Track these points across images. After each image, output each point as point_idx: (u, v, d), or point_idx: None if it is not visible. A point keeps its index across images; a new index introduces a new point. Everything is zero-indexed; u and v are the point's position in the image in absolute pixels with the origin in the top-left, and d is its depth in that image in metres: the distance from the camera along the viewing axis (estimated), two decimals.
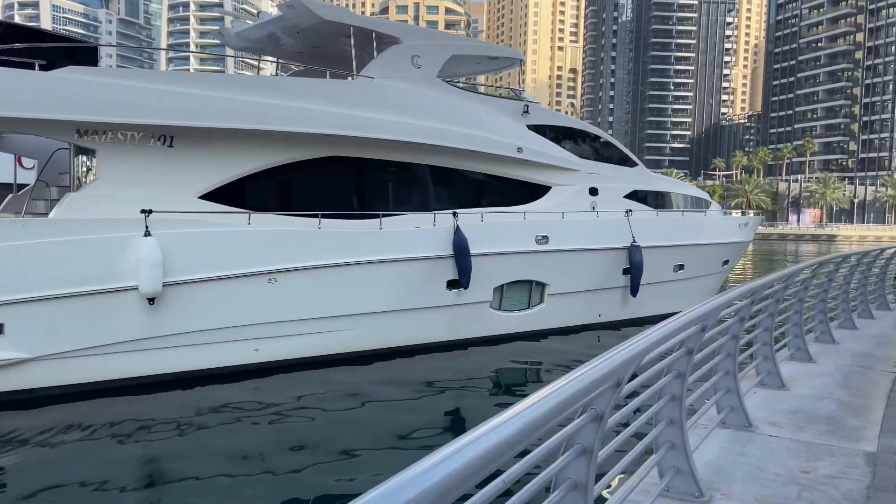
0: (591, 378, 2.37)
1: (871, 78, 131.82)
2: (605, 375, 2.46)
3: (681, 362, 3.90)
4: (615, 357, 2.56)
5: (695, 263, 20.74)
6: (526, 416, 1.96)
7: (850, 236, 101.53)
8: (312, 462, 8.62)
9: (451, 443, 1.62)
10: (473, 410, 11.48)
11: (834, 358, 7.73)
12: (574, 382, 2.28)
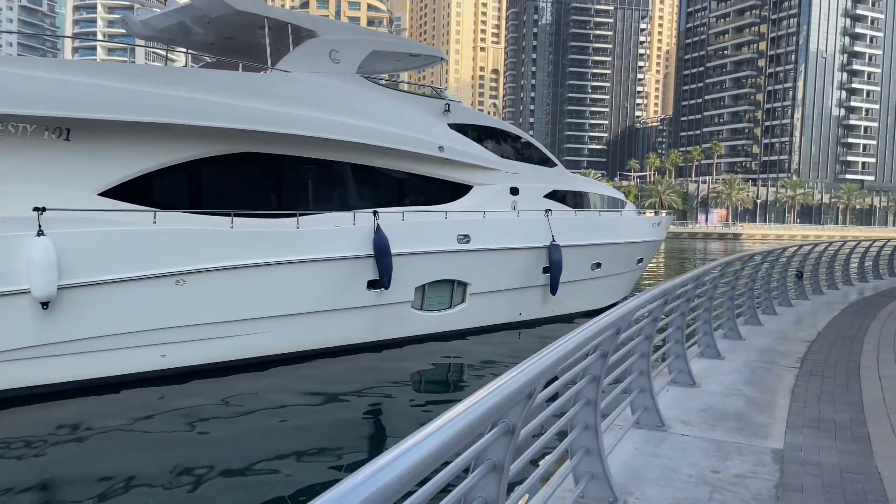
0: (503, 393, 2.23)
1: (772, 85, 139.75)
2: (517, 389, 2.32)
3: (595, 366, 3.83)
4: (529, 369, 2.42)
5: (611, 262, 21.23)
6: (434, 440, 1.82)
7: (753, 235, 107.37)
8: (214, 477, 8.19)
9: (351, 476, 1.50)
10: (395, 413, 11.28)
11: (741, 354, 7.97)
12: (486, 399, 2.14)
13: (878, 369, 7.24)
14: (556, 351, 2.67)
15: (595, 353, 3.83)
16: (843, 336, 9.28)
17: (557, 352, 2.73)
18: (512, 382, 2.31)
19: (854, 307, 12.47)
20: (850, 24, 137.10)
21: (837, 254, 16.35)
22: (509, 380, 2.31)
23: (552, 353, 2.62)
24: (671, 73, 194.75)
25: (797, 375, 6.92)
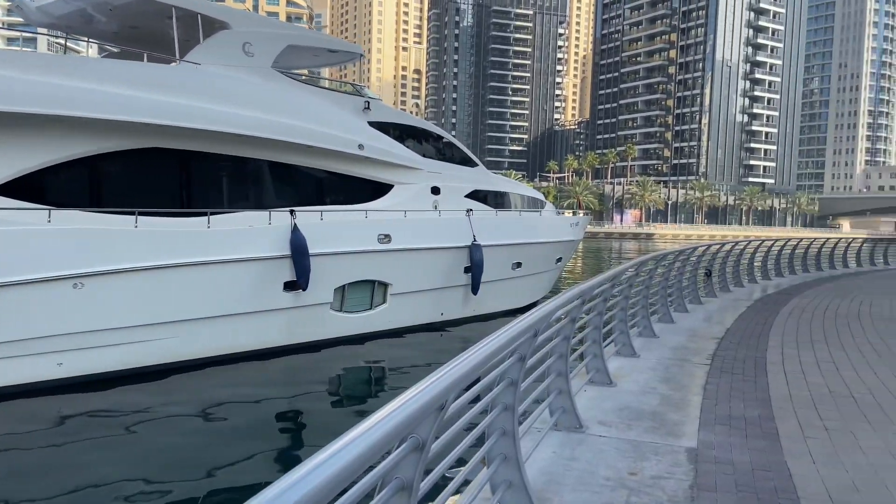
0: (411, 408, 2.04)
1: (681, 91, 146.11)
2: (427, 403, 2.14)
3: (513, 370, 3.70)
4: (439, 381, 2.24)
5: (532, 261, 21.47)
6: (333, 465, 1.64)
7: (665, 235, 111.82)
8: (109, 494, 7.64)
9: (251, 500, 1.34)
10: (312, 421, 10.91)
11: (655, 352, 8.10)
12: (392, 416, 1.95)
13: (783, 364, 7.50)
14: (469, 360, 2.50)
15: (513, 357, 3.70)
16: (750, 333, 9.62)
17: (471, 360, 2.57)
18: (421, 396, 2.12)
19: (759, 304, 13.01)
20: (752, 35, 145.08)
21: (743, 253, 17.08)
22: (418, 393, 2.13)
23: (465, 362, 2.45)
24: (588, 78, 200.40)
25: (708, 372, 7.07)
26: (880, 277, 20.30)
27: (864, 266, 24.97)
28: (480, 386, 3.39)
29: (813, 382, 6.66)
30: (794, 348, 8.49)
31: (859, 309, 12.55)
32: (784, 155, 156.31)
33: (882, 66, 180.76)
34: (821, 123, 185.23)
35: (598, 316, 6.50)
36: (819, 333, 9.68)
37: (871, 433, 5.04)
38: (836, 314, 11.74)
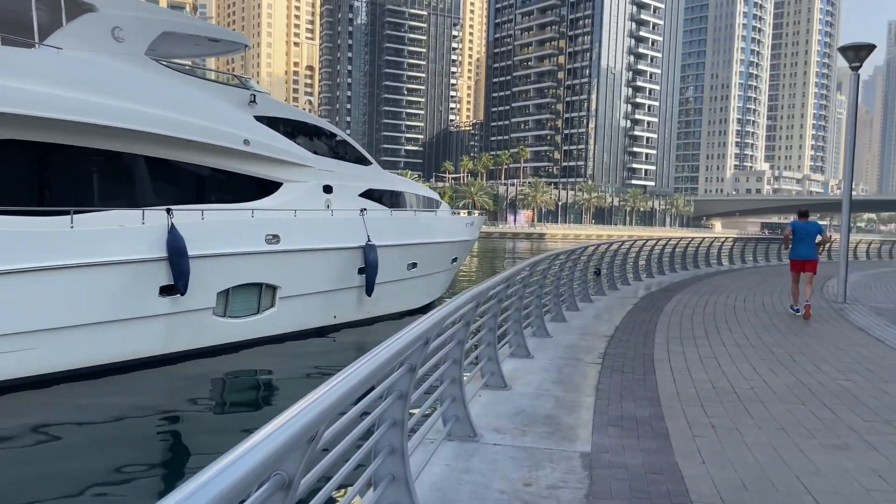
0: (274, 444, 1.70)
1: (570, 96, 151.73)
2: (294, 436, 1.79)
3: (402, 382, 3.40)
4: (307, 410, 1.89)
5: (427, 261, 21.31)
6: None
7: (555, 234, 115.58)
8: None
9: None
10: (190, 439, 10.15)
11: (549, 352, 8.07)
12: (252, 453, 1.60)
13: (670, 361, 7.65)
14: (343, 382, 2.16)
15: (402, 368, 3.40)
16: (638, 330, 9.84)
17: (346, 383, 2.23)
18: (286, 429, 1.78)
19: (644, 301, 13.44)
20: (633, 45, 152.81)
21: (629, 252, 17.68)
22: (283, 425, 1.78)
23: (339, 385, 2.11)
24: (482, 80, 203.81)
25: (600, 371, 7.08)
26: (749, 274, 21.68)
27: (736, 264, 26.66)
28: (367, 401, 3.07)
29: (698, 379, 6.81)
30: (678, 345, 8.72)
31: (734, 304, 13.23)
32: (663, 159, 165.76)
33: (749, 78, 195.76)
34: (695, 130, 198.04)
35: (493, 318, 6.34)
36: (700, 329, 10.05)
37: (755, 429, 5.13)
38: (715, 310, 12.29)
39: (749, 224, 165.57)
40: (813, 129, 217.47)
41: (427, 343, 3.48)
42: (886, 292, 16.54)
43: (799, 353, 8.36)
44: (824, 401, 6.02)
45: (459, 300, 4.34)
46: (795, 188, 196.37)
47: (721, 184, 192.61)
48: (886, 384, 6.74)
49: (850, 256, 30.01)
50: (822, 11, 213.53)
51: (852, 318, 11.60)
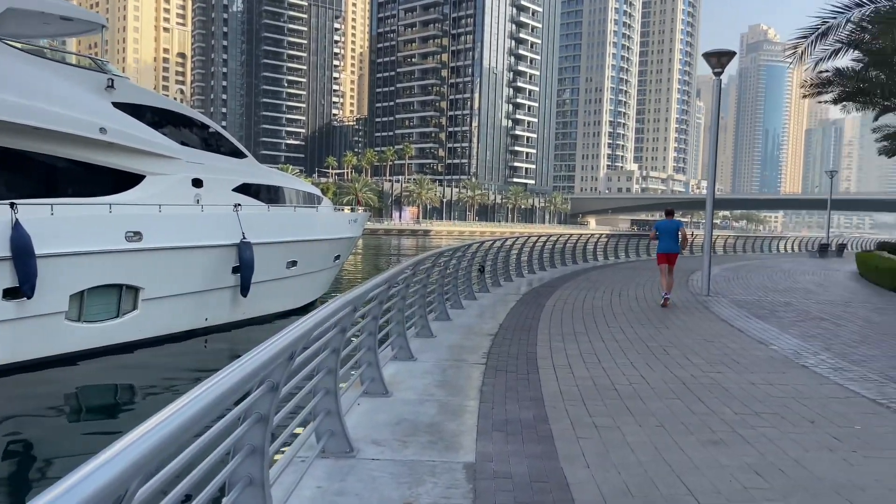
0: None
1: (454, 94, 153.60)
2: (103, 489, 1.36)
3: (262, 403, 2.97)
4: (118, 460, 1.46)
5: (308, 259, 20.57)
6: None
7: (440, 231, 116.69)
8: None
9: None
10: (35, 463, 9.04)
11: (433, 353, 7.82)
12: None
13: (552, 359, 7.62)
14: (165, 423, 1.73)
15: (262, 388, 2.98)
16: (521, 327, 9.82)
17: (184, 414, 1.81)
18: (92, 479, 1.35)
19: (526, 297, 13.56)
20: (514, 46, 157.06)
21: (511, 249, 17.86)
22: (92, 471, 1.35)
23: (153, 431, 1.67)
24: (366, 75, 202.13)
25: (484, 372, 6.90)
26: (623, 269, 22.64)
27: (610, 259, 27.82)
28: (222, 425, 2.63)
29: (580, 376, 6.79)
30: (560, 341, 8.75)
31: (611, 299, 13.63)
32: (542, 158, 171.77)
33: (620, 82, 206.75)
34: (572, 131, 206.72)
35: (374, 321, 5.98)
36: (580, 325, 10.19)
37: (636, 427, 5.11)
38: (593, 305, 12.58)
39: (620, 221, 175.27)
40: (676, 132, 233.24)
41: (292, 357, 3.07)
42: (744, 285, 17.72)
43: (671, 346, 8.62)
44: (698, 394, 6.15)
45: (332, 306, 3.95)
46: (661, 187, 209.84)
47: (595, 183, 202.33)
48: (752, 375, 7.03)
49: (701, 251, 32.05)
50: (684, 22, 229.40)
51: (716, 311, 12.25)
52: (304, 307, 19.52)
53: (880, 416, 5.57)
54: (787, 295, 15.60)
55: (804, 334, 9.86)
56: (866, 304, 14.47)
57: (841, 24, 15.39)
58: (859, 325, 11.19)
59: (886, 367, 7.66)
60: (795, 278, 20.81)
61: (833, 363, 7.77)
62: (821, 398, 6.11)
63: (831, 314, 12.34)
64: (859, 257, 24.20)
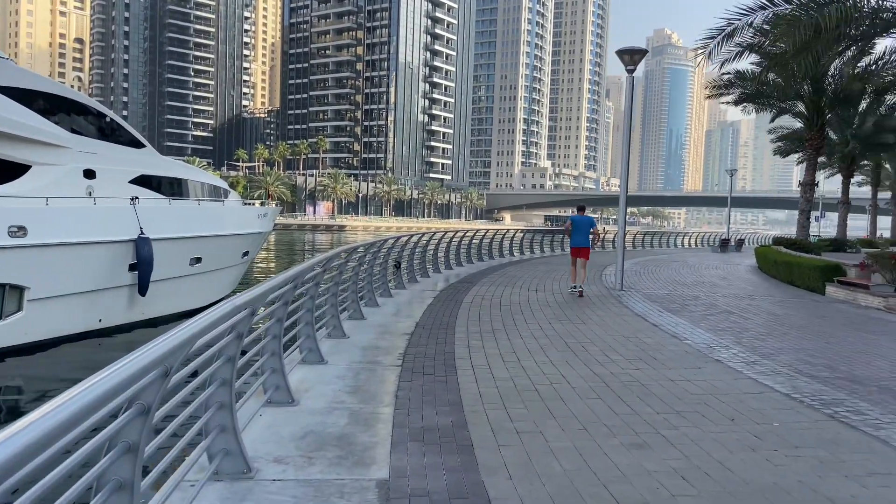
0: None
1: (369, 88, 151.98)
2: None
3: (131, 430, 2.48)
4: None
5: (213, 256, 19.55)
6: None
7: (356, 226, 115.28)
8: None
9: None
10: None
11: (345, 355, 7.38)
12: None
13: (471, 358, 7.34)
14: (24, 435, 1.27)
15: (131, 411, 2.48)
16: (438, 325, 9.50)
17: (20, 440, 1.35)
18: None
19: (443, 294, 13.28)
20: (430, 41, 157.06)
21: (428, 244, 17.55)
22: None
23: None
24: (277, 66, 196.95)
25: (400, 375, 6.53)
26: (538, 264, 22.79)
27: (526, 254, 28.03)
28: (80, 455, 2.14)
29: (499, 377, 6.53)
30: (478, 339, 8.49)
31: (528, 295, 13.55)
32: (458, 154, 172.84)
33: (533, 81, 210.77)
34: (487, 127, 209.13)
35: (278, 323, 5.48)
36: (498, 322, 9.98)
37: (558, 431, 4.87)
38: (510, 301, 12.44)
39: (534, 217, 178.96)
40: (587, 131, 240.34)
41: (167, 375, 2.58)
42: (654, 279, 18.14)
43: (590, 342, 8.52)
44: (619, 393, 6.01)
45: (223, 309, 3.46)
46: (573, 184, 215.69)
47: (510, 179, 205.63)
48: (669, 371, 6.99)
49: (611, 247, 32.93)
50: (594, 24, 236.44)
51: (630, 305, 12.37)
52: (211, 306, 18.50)
53: (795, 412, 5.58)
54: (695, 289, 16.05)
55: (715, 328, 10.04)
56: (768, 297, 15.07)
57: (745, 27, 15.95)
58: (764, 318, 11.56)
59: (794, 360, 7.83)
60: (701, 272, 21.57)
61: (745, 357, 7.87)
62: (737, 394, 6.10)
63: (738, 307, 12.72)
64: (758, 252, 25.41)
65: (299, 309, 6.75)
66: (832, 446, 4.69)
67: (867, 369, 7.48)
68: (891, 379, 6.99)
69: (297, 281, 5.82)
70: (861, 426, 5.19)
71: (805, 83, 26.31)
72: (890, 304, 13.01)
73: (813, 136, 27.57)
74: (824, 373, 7.17)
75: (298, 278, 5.82)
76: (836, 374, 7.14)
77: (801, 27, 12.87)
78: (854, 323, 11.37)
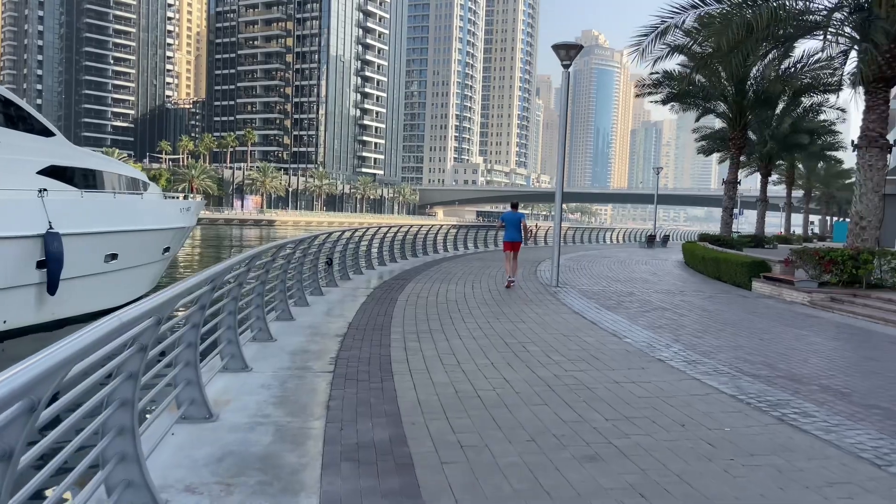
0: None
1: (299, 80, 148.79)
2: None
3: None
4: None
5: (130, 252, 18.39)
6: None
7: (286, 221, 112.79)
8: None
9: None
10: None
11: (272, 360, 6.82)
12: None
13: (409, 362, 6.92)
14: None
15: None
16: (373, 325, 9.04)
17: None
18: None
19: (378, 292, 12.79)
20: (362, 35, 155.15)
21: (361, 240, 17.00)
22: None
23: None
24: (203, 56, 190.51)
25: (331, 382, 6.04)
26: (472, 260, 22.58)
27: (460, 250, 27.80)
28: None
29: (439, 382, 6.13)
30: (415, 341, 8.08)
31: (464, 291, 13.23)
32: (391, 149, 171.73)
33: (466, 77, 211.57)
34: (420, 122, 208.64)
35: (194, 329, 4.90)
36: (436, 321, 9.60)
37: (506, 445, 4.51)
38: (447, 299, 12.08)
39: (467, 212, 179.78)
40: (518, 128, 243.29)
41: (34, 410, 2.05)
42: (588, 276, 18.18)
43: (530, 342, 8.25)
44: (565, 398, 5.71)
45: (121, 319, 2.90)
46: (505, 181, 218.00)
47: (443, 174, 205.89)
48: (613, 372, 6.77)
49: (543, 242, 33.17)
50: (524, 23, 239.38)
51: (568, 302, 12.22)
52: (127, 305, 17.37)
53: (744, 415, 5.42)
54: (629, 285, 16.13)
55: (652, 325, 9.97)
56: (698, 292, 15.27)
57: (675, 27, 16.12)
58: (698, 314, 11.61)
59: (733, 358, 7.77)
60: (632, 268, 21.83)
61: (685, 356, 7.75)
62: (684, 396, 5.92)
63: (671, 304, 12.77)
64: (685, 248, 26.00)
65: (221, 311, 6.16)
66: (787, 453, 4.52)
67: (805, 367, 7.48)
68: (829, 377, 6.99)
69: (217, 282, 5.25)
70: (811, 429, 5.06)
71: (729, 84, 27.12)
72: (814, 300, 13.36)
73: (736, 136, 28.47)
74: (764, 371, 7.12)
75: (217, 279, 5.25)
76: (776, 372, 7.10)
77: (734, 26, 13.03)
78: (783, 318, 11.57)
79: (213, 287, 5.16)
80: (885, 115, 13.89)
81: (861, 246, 14.06)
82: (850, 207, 14.48)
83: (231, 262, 5.98)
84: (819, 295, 13.43)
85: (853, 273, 13.68)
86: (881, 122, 13.82)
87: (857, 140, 14.32)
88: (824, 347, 8.97)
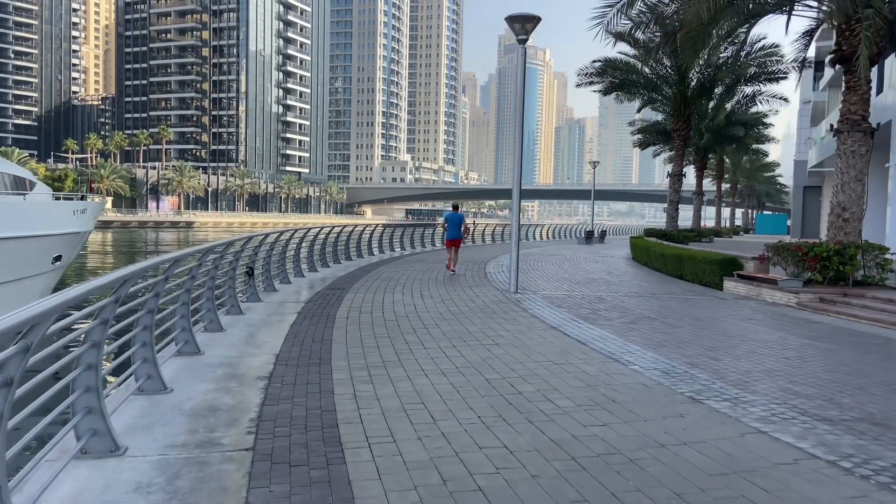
0: None
1: (217, 76, 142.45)
2: None
3: None
4: None
5: (12, 261, 15.47)
6: None
7: (206, 222, 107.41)
8: None
9: None
10: None
11: (159, 431, 4.61)
12: None
13: (363, 423, 4.84)
14: None
15: None
16: (307, 359, 6.88)
17: None
18: None
19: (310, 306, 10.62)
20: (283, 28, 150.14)
21: (288, 244, 14.70)
22: None
23: None
24: (112, 50, 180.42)
25: (250, 474, 3.93)
26: (413, 262, 20.57)
27: (396, 251, 25.71)
28: None
29: (414, 462, 4.11)
30: (367, 382, 6.02)
31: (414, 303, 11.23)
32: (316, 147, 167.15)
33: (391, 74, 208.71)
34: (346, 120, 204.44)
35: (94, 349, 2.82)
36: (388, 348, 7.55)
37: None
38: (396, 314, 10.04)
39: (396, 211, 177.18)
40: (445, 125, 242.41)
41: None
42: (544, 278, 16.51)
43: (518, 377, 6.33)
44: (607, 484, 3.80)
45: None
46: (433, 178, 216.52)
47: (370, 172, 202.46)
48: (647, 425, 4.92)
49: (481, 240, 31.34)
50: (449, 20, 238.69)
51: (538, 314, 10.42)
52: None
53: (875, 503, 3.66)
54: (592, 287, 14.53)
55: (650, 342, 8.26)
56: (670, 295, 13.80)
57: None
58: (690, 324, 10.02)
59: (775, 389, 6.12)
60: (584, 267, 20.37)
61: (720, 390, 6.02)
62: (768, 468, 4.12)
63: (652, 311, 11.18)
64: (635, 243, 24.84)
65: (137, 324, 3.98)
66: None
67: (875, 401, 5.86)
68: None
69: (120, 292, 3.07)
70: None
71: (674, 73, 26.16)
72: (802, 301, 12.06)
73: (680, 127, 27.58)
74: (832, 411, 5.46)
75: (121, 288, 3.07)
76: (844, 411, 5.45)
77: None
78: (786, 326, 10.12)
79: (116, 299, 2.97)
80: (867, 97, 12.77)
81: (844, 240, 12.89)
82: (832, 198, 13.30)
83: (105, 280, 3.74)
84: (806, 295, 12.14)
85: (839, 270, 12.48)
86: (863, 103, 12.68)
87: (836, 124, 13.15)
88: (868, 368, 7.39)
